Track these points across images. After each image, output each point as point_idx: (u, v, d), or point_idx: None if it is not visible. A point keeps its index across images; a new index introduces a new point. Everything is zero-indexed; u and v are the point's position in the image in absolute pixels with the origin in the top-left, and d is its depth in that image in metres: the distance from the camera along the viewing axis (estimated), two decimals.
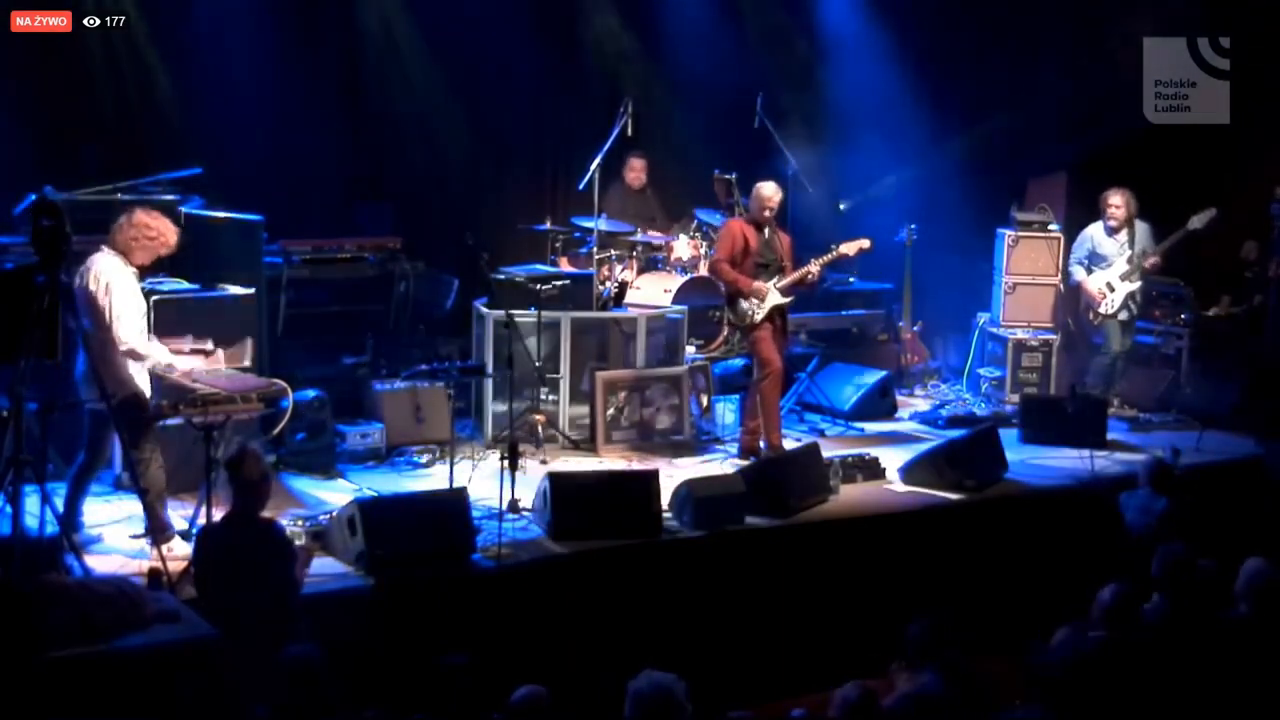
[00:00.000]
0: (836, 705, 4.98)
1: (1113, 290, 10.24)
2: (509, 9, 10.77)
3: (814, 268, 8.84)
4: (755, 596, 7.56)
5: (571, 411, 9.25)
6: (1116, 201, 10.19)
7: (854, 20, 11.69)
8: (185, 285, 7.94)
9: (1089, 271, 10.38)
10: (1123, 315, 10.26)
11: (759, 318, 8.68)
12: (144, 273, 7.07)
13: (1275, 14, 10.95)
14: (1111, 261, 10.28)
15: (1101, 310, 10.29)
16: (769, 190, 8.79)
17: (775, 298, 8.70)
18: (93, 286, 6.70)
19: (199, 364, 7.06)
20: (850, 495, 8.31)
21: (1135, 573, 6.19)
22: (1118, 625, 5.59)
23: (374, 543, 6.69)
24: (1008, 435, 9.31)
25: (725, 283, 8.86)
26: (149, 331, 7.05)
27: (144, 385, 6.86)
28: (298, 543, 6.55)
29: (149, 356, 6.82)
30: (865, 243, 9.05)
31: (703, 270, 10.29)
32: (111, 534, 7.18)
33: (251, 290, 8.18)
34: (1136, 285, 10.25)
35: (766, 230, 8.81)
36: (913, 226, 11.07)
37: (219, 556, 5.91)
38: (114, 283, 6.72)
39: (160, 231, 6.90)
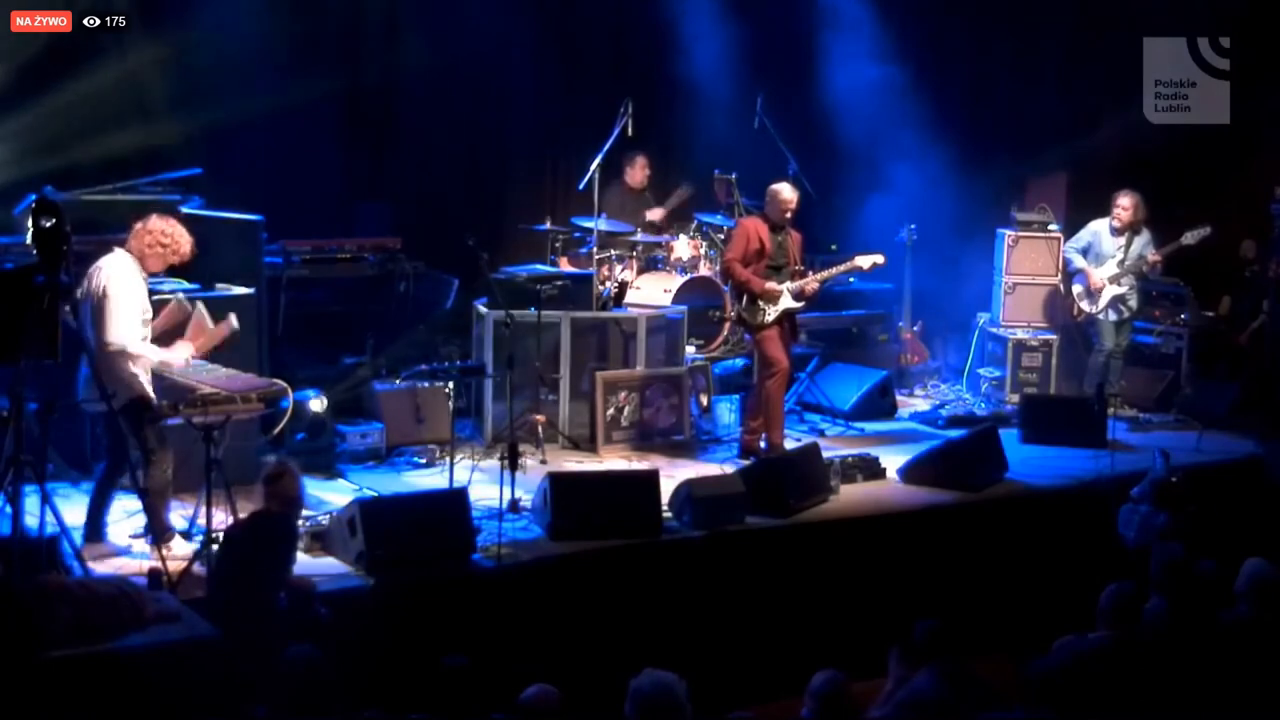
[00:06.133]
0: (809, 695, 5.01)
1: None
2: (509, 9, 10.77)
3: (831, 272, 8.86)
4: (755, 596, 7.56)
5: (571, 411, 9.25)
6: (1125, 203, 10.13)
7: (854, 19, 11.68)
8: (185, 285, 7.93)
9: None
10: (1111, 316, 10.23)
11: (769, 319, 8.65)
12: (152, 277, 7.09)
13: (1275, 14, 10.96)
14: (1105, 261, 10.26)
15: (1085, 306, 10.27)
16: (789, 193, 8.76)
17: (788, 301, 8.67)
18: (95, 287, 6.71)
19: (187, 353, 6.97)
20: (850, 495, 8.31)
21: (1135, 573, 6.19)
22: (1118, 625, 5.59)
23: (374, 543, 6.69)
24: (1008, 435, 9.31)
25: (738, 283, 8.82)
26: (149, 336, 7.02)
27: (147, 386, 6.84)
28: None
29: (140, 356, 6.79)
30: (879, 258, 9.06)
31: (703, 270, 10.28)
32: (111, 534, 7.17)
33: (251, 290, 8.18)
34: (1124, 289, 10.19)
35: (780, 232, 8.79)
36: (913, 226, 11.06)
37: (237, 555, 5.94)
38: (116, 284, 6.72)
39: (175, 240, 6.94)
